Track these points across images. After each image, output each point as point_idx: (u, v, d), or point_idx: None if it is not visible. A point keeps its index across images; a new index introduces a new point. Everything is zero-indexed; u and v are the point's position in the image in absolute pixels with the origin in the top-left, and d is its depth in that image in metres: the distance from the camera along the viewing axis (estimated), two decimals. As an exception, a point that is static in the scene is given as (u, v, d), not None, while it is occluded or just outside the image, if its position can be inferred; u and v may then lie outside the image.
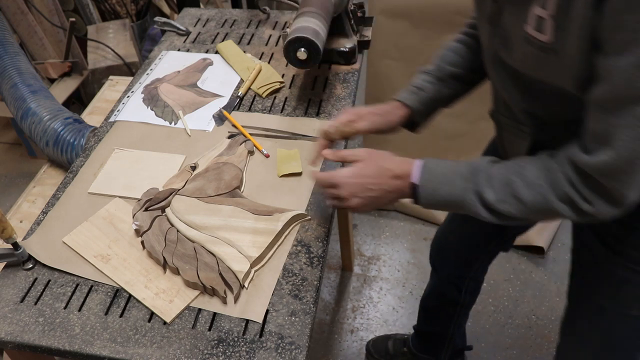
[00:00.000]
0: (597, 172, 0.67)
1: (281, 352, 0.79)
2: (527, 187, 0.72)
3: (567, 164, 0.70)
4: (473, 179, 0.75)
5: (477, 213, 0.76)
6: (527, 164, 0.74)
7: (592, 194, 0.68)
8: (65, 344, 0.81)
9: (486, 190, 0.74)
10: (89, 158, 1.13)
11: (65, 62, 2.29)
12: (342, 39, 1.34)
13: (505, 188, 0.73)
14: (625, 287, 0.88)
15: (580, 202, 0.69)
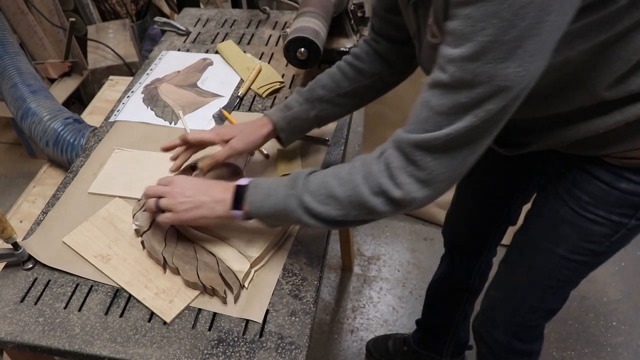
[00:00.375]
0: (412, 145, 0.68)
1: (281, 352, 0.79)
2: (341, 185, 0.73)
3: (388, 144, 0.72)
4: (293, 185, 0.76)
5: (300, 220, 0.77)
6: (345, 165, 0.76)
7: (405, 176, 0.69)
8: (65, 344, 0.81)
9: (305, 194, 0.75)
10: (89, 158, 1.13)
11: (65, 62, 2.29)
12: (342, 39, 1.34)
13: (322, 189, 0.74)
14: (562, 226, 0.94)
15: (392, 189, 0.69)
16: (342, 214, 0.74)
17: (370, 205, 0.71)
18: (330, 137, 1.13)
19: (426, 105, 0.67)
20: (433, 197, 0.71)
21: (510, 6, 0.56)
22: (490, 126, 0.65)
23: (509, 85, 0.61)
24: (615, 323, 1.81)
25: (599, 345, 1.75)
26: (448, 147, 0.66)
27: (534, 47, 0.59)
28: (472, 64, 0.60)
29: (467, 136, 0.65)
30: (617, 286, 1.92)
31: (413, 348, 1.61)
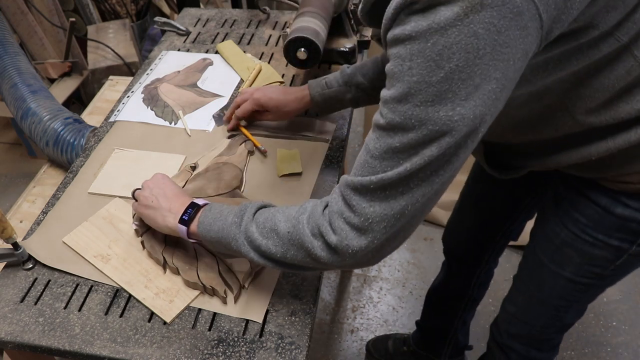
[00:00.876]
0: (350, 188, 0.64)
1: (281, 352, 0.79)
2: (286, 221, 0.70)
3: (335, 189, 0.69)
4: (242, 214, 0.75)
5: (240, 250, 0.74)
6: (295, 205, 0.73)
7: (340, 220, 0.65)
8: (65, 344, 0.81)
9: (250, 224, 0.73)
10: (89, 158, 1.13)
11: (65, 62, 2.29)
12: (342, 39, 1.34)
13: (268, 222, 0.72)
14: (564, 249, 0.93)
15: (328, 233, 0.66)
16: (282, 252, 0.70)
17: (308, 247, 0.68)
18: (330, 137, 1.13)
19: (365, 149, 0.64)
20: (373, 250, 0.65)
21: (434, 45, 0.54)
22: (430, 175, 0.61)
23: (443, 130, 0.57)
24: (615, 323, 1.81)
25: (599, 345, 1.75)
26: (384, 193, 0.62)
27: (467, 91, 0.56)
28: (402, 106, 0.57)
29: (403, 184, 0.61)
30: (617, 286, 1.91)
31: (413, 348, 1.61)
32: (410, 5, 0.54)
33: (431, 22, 0.53)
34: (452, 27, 0.53)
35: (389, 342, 1.68)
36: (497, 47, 0.54)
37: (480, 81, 0.56)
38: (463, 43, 0.53)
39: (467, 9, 0.52)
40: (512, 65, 0.57)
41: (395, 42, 0.57)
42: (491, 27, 0.53)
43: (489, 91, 0.57)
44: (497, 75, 0.56)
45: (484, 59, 0.54)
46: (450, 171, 0.62)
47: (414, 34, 0.54)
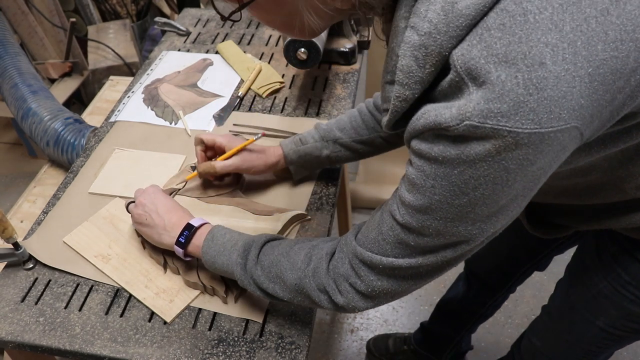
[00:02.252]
0: (358, 259, 0.64)
1: (281, 352, 0.79)
2: (291, 270, 0.70)
3: (341, 247, 0.68)
4: (246, 255, 0.74)
5: (247, 288, 0.75)
6: (296, 246, 0.73)
7: (347, 284, 0.66)
8: (66, 344, 0.81)
9: (256, 268, 0.73)
10: (90, 158, 1.13)
11: (66, 62, 2.29)
12: (342, 39, 1.34)
13: (273, 268, 0.72)
14: (600, 299, 0.91)
15: (335, 294, 0.67)
16: (289, 297, 0.72)
17: (315, 300, 0.69)
18: (330, 137, 1.13)
19: (377, 228, 0.62)
20: (376, 306, 0.68)
21: (460, 173, 0.51)
22: (442, 266, 0.61)
23: (461, 240, 0.57)
24: (615, 323, 1.81)
25: (599, 345, 1.75)
26: (393, 273, 0.62)
27: (490, 211, 0.54)
28: (421, 216, 0.56)
29: (414, 270, 0.61)
30: (617, 286, 1.91)
31: (413, 347, 1.61)
32: (440, 129, 0.50)
33: (460, 153, 0.50)
34: (482, 162, 0.50)
35: (389, 341, 1.68)
36: (529, 174, 0.51)
37: (506, 202, 0.54)
38: (492, 176, 0.50)
39: (500, 147, 0.48)
40: (544, 179, 0.54)
41: (419, 155, 0.54)
42: (525, 162, 0.49)
43: (514, 207, 0.55)
44: (526, 192, 0.54)
45: (512, 187, 0.52)
46: (463, 259, 0.62)
47: (441, 159, 0.51)
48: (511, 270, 1.25)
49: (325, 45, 1.16)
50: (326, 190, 1.03)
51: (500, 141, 0.47)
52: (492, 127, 0.47)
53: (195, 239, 0.80)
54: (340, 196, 1.71)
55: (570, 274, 1.00)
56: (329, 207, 0.99)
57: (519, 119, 0.46)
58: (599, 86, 0.48)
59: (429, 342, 1.58)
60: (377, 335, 1.73)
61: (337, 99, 1.24)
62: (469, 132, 0.48)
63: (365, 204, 2.19)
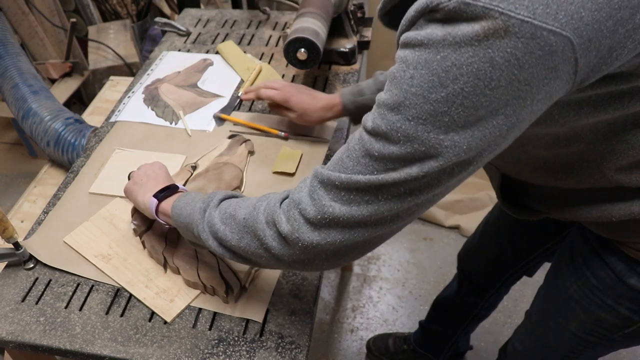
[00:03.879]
0: (317, 179, 0.60)
1: (281, 352, 0.79)
2: (245, 207, 0.67)
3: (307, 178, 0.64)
4: (208, 200, 0.72)
5: (201, 235, 0.71)
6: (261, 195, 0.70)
7: (296, 211, 0.61)
8: (66, 344, 0.81)
9: (213, 210, 0.70)
10: (90, 158, 1.13)
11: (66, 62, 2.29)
12: (342, 39, 1.34)
13: (229, 208, 0.69)
14: (571, 304, 0.89)
15: (281, 222, 0.62)
16: (237, 239, 0.67)
17: (260, 235, 0.64)
18: (330, 137, 1.14)
19: (347, 144, 0.59)
20: (322, 253, 0.61)
21: (443, 59, 0.48)
22: (403, 193, 0.55)
23: (429, 153, 0.52)
24: (615, 323, 1.81)
25: (599, 345, 1.75)
26: (348, 196, 0.57)
27: (466, 120, 0.50)
28: (393, 115, 0.52)
29: (371, 192, 0.56)
30: (617, 286, 1.92)
31: (413, 347, 1.62)
32: (431, 12, 0.48)
33: (447, 34, 0.47)
34: (468, 46, 0.47)
35: (389, 340, 1.69)
36: (515, 82, 0.48)
37: (485, 114, 0.50)
38: (475, 67, 0.47)
39: (489, 31, 0.46)
40: (529, 106, 0.51)
41: (405, 45, 0.52)
42: (512, 59, 0.46)
43: (493, 126, 0.51)
44: (508, 112, 0.50)
45: (495, 92, 0.48)
46: (428, 195, 0.56)
47: (426, 42, 0.49)
48: (499, 271, 1.26)
49: (325, 45, 1.16)
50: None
51: (490, 23, 0.45)
52: (484, 5, 0.45)
53: (173, 198, 0.80)
54: (340, 196, 1.71)
55: (547, 278, 1.00)
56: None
57: (512, 2, 0.45)
58: (604, 6, 0.46)
59: (428, 342, 1.58)
60: (377, 335, 1.73)
61: (337, 99, 1.24)
62: (460, 9, 0.46)
63: (365, 204, 2.19)
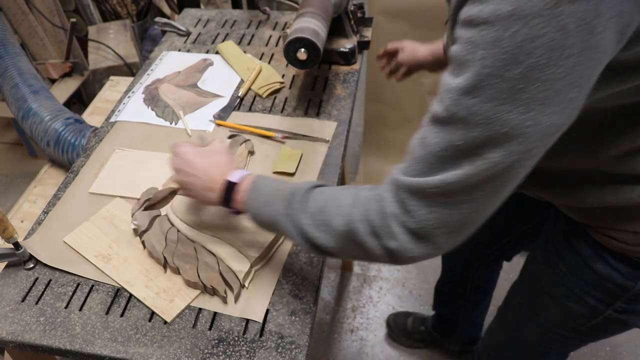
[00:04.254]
0: (407, 191, 0.59)
1: (281, 352, 0.79)
2: (339, 215, 0.65)
3: (387, 185, 0.62)
4: (290, 203, 0.69)
5: (293, 239, 0.70)
6: (344, 190, 0.67)
7: (398, 226, 0.60)
8: (66, 344, 0.81)
9: (302, 216, 0.68)
10: (90, 158, 1.13)
11: (66, 62, 2.29)
12: (342, 39, 1.34)
13: (320, 214, 0.66)
14: (542, 296, 0.90)
15: (387, 238, 0.61)
16: (338, 247, 0.66)
17: (365, 246, 0.63)
18: (330, 137, 1.14)
19: (421, 142, 0.57)
20: (433, 253, 0.61)
21: (513, 35, 0.47)
22: (493, 181, 0.54)
23: (512, 135, 0.51)
24: (615, 323, 1.81)
25: (598, 344, 1.75)
26: (444, 198, 0.56)
27: (545, 94, 0.49)
28: (469, 100, 0.51)
29: (464, 189, 0.55)
30: (617, 286, 1.92)
31: (429, 329, 1.67)
32: None
33: (515, 8, 0.46)
34: (538, 17, 0.45)
35: (408, 319, 1.74)
36: (587, 50, 0.47)
37: (562, 87, 0.49)
38: (548, 37, 0.46)
39: None
40: (596, 75, 0.50)
41: (468, 24, 0.50)
42: (583, 25, 0.45)
43: (569, 100, 0.50)
44: (582, 83, 0.49)
45: (569, 61, 0.47)
46: (512, 181, 0.55)
47: (493, 19, 0.47)
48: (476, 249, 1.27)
49: (325, 45, 1.16)
50: (326, 190, 1.03)
51: None
52: None
53: (238, 194, 0.75)
54: (340, 196, 1.71)
55: (522, 272, 1.00)
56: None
57: None
58: None
59: (440, 326, 1.64)
60: (397, 312, 1.79)
61: (337, 99, 1.24)
62: None
63: (366, 204, 2.19)
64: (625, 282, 0.78)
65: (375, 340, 1.78)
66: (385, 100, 2.05)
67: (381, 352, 1.75)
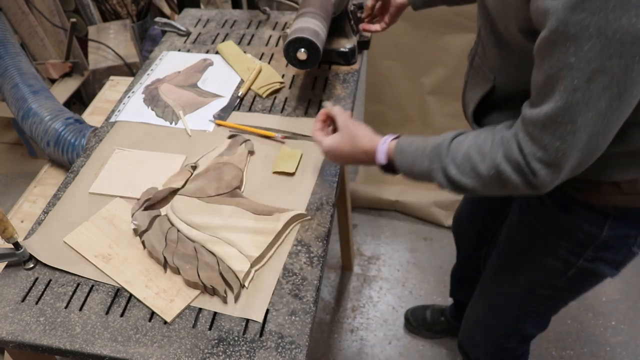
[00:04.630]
0: (538, 125, 0.64)
1: (281, 352, 0.79)
2: (483, 161, 0.72)
3: (519, 125, 0.69)
4: (438, 157, 0.77)
5: (440, 183, 0.78)
6: (482, 136, 0.74)
7: (536, 162, 0.67)
8: (66, 344, 0.81)
9: (450, 166, 0.75)
10: (90, 158, 1.13)
11: (66, 62, 2.30)
12: (342, 39, 1.34)
13: (466, 162, 0.74)
14: (520, 256, 0.96)
15: (529, 175, 0.68)
16: (483, 187, 0.73)
17: (512, 183, 0.70)
18: (330, 138, 1.13)
19: (543, 73, 0.61)
20: (567, 176, 0.68)
21: None
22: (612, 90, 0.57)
23: (626, 40, 0.53)
24: (614, 323, 1.81)
25: (598, 344, 1.75)
26: (571, 121, 0.61)
27: None
28: (577, 15, 0.53)
29: (587, 106, 0.59)
30: (616, 286, 1.92)
31: (449, 319, 1.70)
32: None
33: None
34: None
35: (427, 312, 1.77)
36: None
37: None
38: None
39: None
40: None
41: None
42: None
43: None
44: None
45: None
46: (636, 90, 0.58)
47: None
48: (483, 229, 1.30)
49: (325, 45, 1.16)
50: (326, 190, 1.03)
51: None
52: None
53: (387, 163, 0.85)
54: (340, 196, 1.71)
55: (498, 241, 1.05)
56: (329, 207, 1.00)
57: None
58: None
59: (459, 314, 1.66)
60: (415, 306, 1.81)
61: (337, 99, 1.24)
62: None
63: (365, 204, 2.20)
64: (592, 230, 0.83)
65: (375, 340, 1.78)
66: (385, 100, 2.05)
67: (381, 352, 1.75)
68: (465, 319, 1.21)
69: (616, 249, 0.85)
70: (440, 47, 1.84)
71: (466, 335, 1.22)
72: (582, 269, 0.88)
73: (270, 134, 1.14)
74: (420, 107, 2.00)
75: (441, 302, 1.88)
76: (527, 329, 1.07)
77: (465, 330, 1.22)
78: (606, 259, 0.86)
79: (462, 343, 1.25)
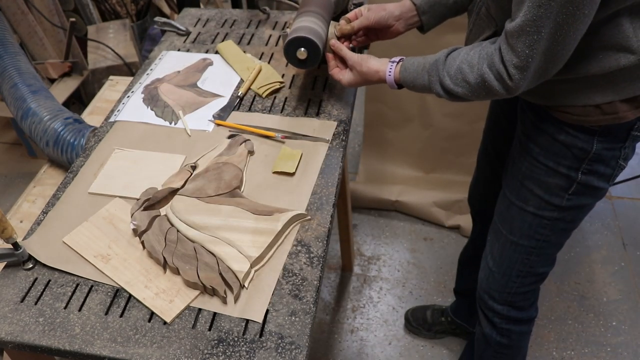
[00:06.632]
0: (514, 35, 0.81)
1: (281, 352, 0.79)
2: (472, 72, 0.90)
3: (502, 38, 0.85)
4: (435, 72, 0.95)
5: (436, 92, 0.96)
6: (471, 52, 0.91)
7: (512, 67, 0.84)
8: (66, 344, 0.81)
9: (445, 78, 0.93)
10: (89, 158, 1.13)
11: (66, 62, 2.29)
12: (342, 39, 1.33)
13: (458, 74, 0.92)
14: (526, 182, 1.07)
15: (507, 80, 0.85)
16: (471, 93, 0.91)
17: (494, 89, 0.88)
18: (330, 137, 1.13)
19: None
20: (532, 79, 0.85)
21: None
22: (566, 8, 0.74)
23: None
24: (615, 323, 1.81)
25: (599, 345, 1.75)
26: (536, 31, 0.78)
27: None
28: None
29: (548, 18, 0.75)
30: (617, 286, 1.92)
31: (450, 318, 1.70)
32: None
33: None
34: None
35: (427, 312, 1.77)
36: None
37: None
38: None
39: None
40: None
41: None
42: None
43: None
44: None
45: None
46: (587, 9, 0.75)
47: None
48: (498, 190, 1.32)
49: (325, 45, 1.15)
50: (326, 190, 1.03)
51: None
52: None
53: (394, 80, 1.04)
54: (340, 196, 1.71)
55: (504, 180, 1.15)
56: (329, 207, 0.99)
57: None
58: None
59: (462, 310, 1.67)
60: (415, 307, 1.82)
61: (337, 99, 1.24)
62: None
63: (365, 204, 2.19)
64: (585, 145, 0.97)
65: (375, 340, 1.78)
66: (385, 100, 2.05)
67: (381, 352, 1.75)
68: (482, 270, 1.26)
69: (606, 162, 0.99)
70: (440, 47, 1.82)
71: (482, 290, 1.26)
72: (581, 184, 1.01)
73: (270, 133, 1.13)
74: (420, 107, 2.00)
75: (441, 302, 1.88)
76: (539, 267, 1.17)
77: (482, 284, 1.26)
78: (600, 171, 1.00)
79: (477, 302, 1.29)
